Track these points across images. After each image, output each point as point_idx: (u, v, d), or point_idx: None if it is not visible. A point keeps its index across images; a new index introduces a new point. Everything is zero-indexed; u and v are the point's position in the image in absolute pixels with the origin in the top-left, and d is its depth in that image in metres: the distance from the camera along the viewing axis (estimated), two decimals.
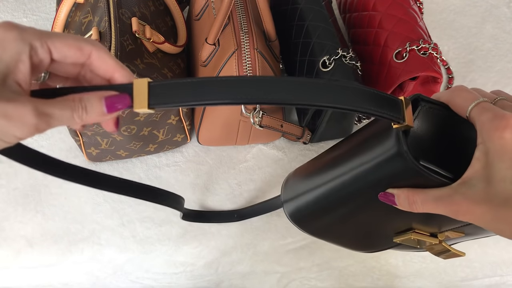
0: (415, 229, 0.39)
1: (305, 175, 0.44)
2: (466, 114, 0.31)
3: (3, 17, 0.75)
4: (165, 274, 0.64)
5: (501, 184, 0.28)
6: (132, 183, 0.47)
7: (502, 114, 0.29)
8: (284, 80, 0.28)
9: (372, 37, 0.64)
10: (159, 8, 0.64)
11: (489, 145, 0.29)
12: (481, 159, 0.29)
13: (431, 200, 0.31)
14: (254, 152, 0.67)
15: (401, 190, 0.33)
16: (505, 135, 0.28)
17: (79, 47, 0.29)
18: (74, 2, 0.61)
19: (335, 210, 0.41)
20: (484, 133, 0.29)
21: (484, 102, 0.31)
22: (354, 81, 0.56)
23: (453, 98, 0.32)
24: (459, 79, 0.74)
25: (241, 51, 0.56)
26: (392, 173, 0.33)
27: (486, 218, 0.29)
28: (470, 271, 0.66)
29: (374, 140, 0.34)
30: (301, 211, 0.43)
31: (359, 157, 0.35)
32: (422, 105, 0.33)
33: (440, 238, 0.39)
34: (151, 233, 0.61)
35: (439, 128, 0.33)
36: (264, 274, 0.66)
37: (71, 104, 0.28)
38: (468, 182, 0.30)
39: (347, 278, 0.68)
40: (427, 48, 0.59)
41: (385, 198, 0.34)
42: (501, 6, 0.82)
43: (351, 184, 0.36)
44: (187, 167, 0.65)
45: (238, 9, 0.60)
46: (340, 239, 0.47)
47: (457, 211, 0.30)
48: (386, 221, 0.40)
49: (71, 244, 0.60)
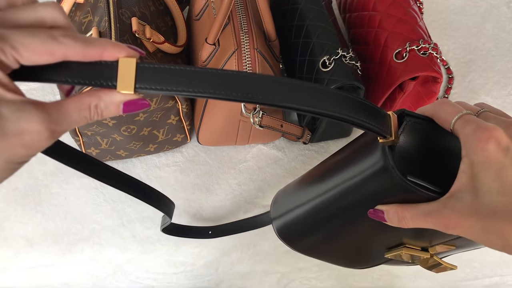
0: (406, 244, 0.39)
1: (294, 191, 0.44)
2: (450, 127, 0.31)
3: None
4: (165, 274, 0.64)
5: (488, 196, 0.28)
6: (130, 179, 0.46)
7: (485, 126, 0.29)
8: (282, 81, 0.27)
9: (372, 37, 0.64)
10: (159, 8, 0.64)
11: (473, 157, 0.29)
12: (467, 172, 0.29)
13: (420, 215, 0.31)
14: (254, 152, 0.67)
15: (390, 206, 0.33)
16: (488, 147, 0.28)
17: (51, 52, 0.25)
18: (74, 2, 0.61)
19: (324, 227, 0.40)
20: (468, 146, 0.29)
21: (467, 114, 0.31)
22: (354, 81, 0.56)
23: (437, 111, 0.32)
24: (459, 79, 0.74)
25: (241, 51, 0.56)
26: (379, 189, 0.33)
27: (475, 230, 0.29)
28: (470, 271, 0.66)
29: (360, 156, 0.34)
30: (289, 227, 0.43)
31: (346, 172, 0.35)
32: (407, 120, 0.32)
33: (431, 252, 0.39)
34: (151, 233, 0.61)
35: (425, 142, 0.33)
36: (264, 274, 0.66)
37: (86, 114, 0.27)
38: (455, 195, 0.30)
39: (347, 278, 0.68)
40: (427, 48, 0.59)
41: (374, 215, 0.34)
42: (501, 6, 0.82)
43: (339, 200, 0.36)
44: (187, 167, 0.65)
45: (238, 9, 0.60)
46: (330, 256, 0.46)
47: (447, 225, 0.30)
48: (376, 237, 0.39)
49: (71, 244, 0.60)
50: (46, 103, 0.25)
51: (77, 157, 0.40)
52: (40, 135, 0.24)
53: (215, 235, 0.59)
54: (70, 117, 0.26)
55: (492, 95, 0.73)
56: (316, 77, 0.58)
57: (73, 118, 0.26)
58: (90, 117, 0.27)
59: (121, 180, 0.46)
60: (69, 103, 0.26)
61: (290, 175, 0.65)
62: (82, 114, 0.26)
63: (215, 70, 0.26)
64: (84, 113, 0.26)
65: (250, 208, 0.63)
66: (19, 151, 0.24)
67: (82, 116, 0.26)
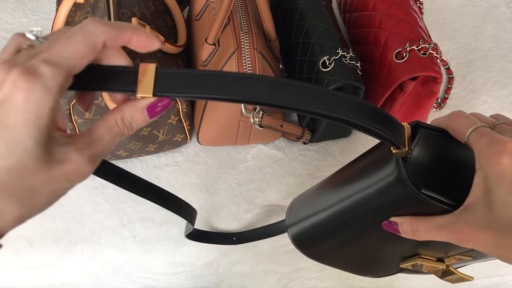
0: (421, 255, 0.39)
1: (309, 200, 0.44)
2: (464, 139, 0.31)
3: (3, 17, 0.75)
4: (165, 274, 0.64)
5: (502, 210, 0.28)
6: (154, 187, 0.46)
7: (499, 139, 0.29)
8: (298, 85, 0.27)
9: (372, 37, 0.64)
10: (159, 8, 0.64)
11: (487, 171, 0.29)
12: (481, 185, 0.29)
13: (434, 228, 0.31)
14: (254, 152, 0.67)
15: (404, 218, 0.33)
16: (502, 161, 0.28)
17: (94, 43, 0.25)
18: (74, 2, 0.61)
19: (337, 236, 0.40)
20: (482, 159, 0.29)
21: (482, 127, 0.31)
22: (354, 81, 0.56)
23: (451, 124, 0.32)
24: (459, 79, 0.74)
25: (241, 51, 0.56)
26: (393, 200, 0.33)
27: (489, 244, 0.29)
28: (470, 271, 0.66)
29: (374, 167, 0.34)
30: (304, 235, 0.43)
31: (360, 183, 0.35)
32: (421, 131, 0.32)
33: (447, 262, 0.39)
34: (151, 233, 0.61)
35: (439, 155, 0.33)
36: (264, 274, 0.66)
37: (116, 130, 0.27)
38: (469, 208, 0.30)
39: (347, 278, 0.68)
40: (427, 48, 0.59)
41: (389, 227, 0.34)
42: (501, 6, 0.82)
43: (353, 210, 0.36)
44: (187, 167, 0.65)
45: (238, 9, 0.60)
46: (344, 264, 0.47)
47: (461, 238, 0.30)
48: (390, 247, 0.39)
49: (71, 244, 0.60)
50: (77, 133, 0.27)
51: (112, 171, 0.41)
52: (80, 164, 0.26)
53: (240, 242, 0.60)
54: (103, 139, 0.27)
55: (492, 95, 0.73)
56: (316, 77, 0.58)
57: (106, 139, 0.27)
58: (120, 132, 0.28)
59: (146, 188, 0.46)
60: (98, 126, 0.27)
61: (290, 175, 0.65)
62: (113, 132, 0.27)
63: (232, 74, 0.26)
64: (114, 129, 0.27)
65: (250, 208, 0.63)
66: (62, 183, 0.26)
67: (114, 134, 0.27)
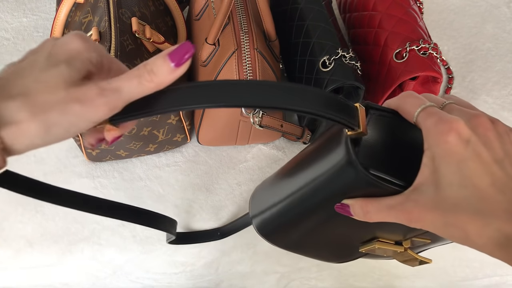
0: (379, 238, 0.39)
1: (268, 189, 0.44)
2: (413, 119, 0.31)
3: (3, 17, 0.75)
4: (165, 274, 0.64)
5: (449, 189, 0.28)
6: (124, 206, 0.47)
7: (446, 118, 0.29)
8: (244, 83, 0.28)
9: (372, 37, 0.64)
10: (159, 8, 0.64)
11: (434, 150, 0.29)
12: (429, 165, 0.29)
13: (384, 209, 0.31)
14: (254, 152, 0.67)
15: (355, 200, 0.33)
16: (449, 140, 0.28)
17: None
18: (74, 2, 0.61)
19: (299, 224, 0.40)
20: (429, 138, 0.29)
21: (430, 107, 0.30)
22: (354, 81, 0.56)
23: (401, 104, 0.32)
24: (459, 79, 0.74)
25: (241, 51, 0.56)
26: (345, 183, 0.32)
27: (437, 224, 0.29)
28: (470, 271, 0.66)
29: (326, 151, 0.34)
30: (267, 226, 0.43)
31: (314, 168, 0.35)
32: (372, 112, 0.32)
33: (405, 245, 0.39)
34: (151, 233, 0.61)
35: (390, 136, 0.32)
36: (264, 274, 0.66)
37: (135, 73, 0.28)
38: (418, 188, 0.30)
39: (347, 278, 0.68)
40: (427, 48, 0.59)
41: (341, 209, 0.34)
42: (501, 6, 0.82)
43: (310, 197, 0.36)
44: (187, 167, 0.65)
45: (238, 9, 0.60)
46: (311, 251, 0.47)
47: (410, 218, 0.30)
48: (350, 232, 0.39)
49: (71, 244, 0.60)
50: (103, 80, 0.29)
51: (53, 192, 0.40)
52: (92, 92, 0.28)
53: (224, 236, 0.60)
54: (121, 78, 0.28)
55: (492, 95, 0.73)
56: (316, 77, 0.58)
57: (125, 77, 0.28)
58: (140, 74, 0.28)
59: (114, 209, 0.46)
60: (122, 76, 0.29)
61: None
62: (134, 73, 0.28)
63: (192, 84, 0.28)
64: (134, 72, 0.28)
65: None
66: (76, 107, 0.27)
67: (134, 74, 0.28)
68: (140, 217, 0.49)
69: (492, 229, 0.27)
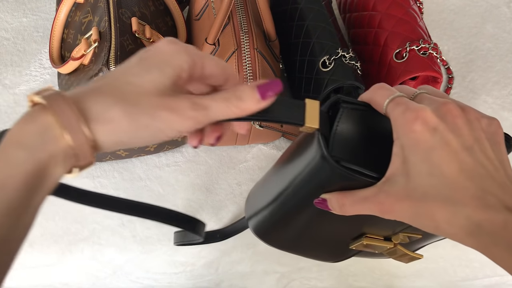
0: (367, 234, 0.39)
1: (260, 190, 0.44)
2: (383, 110, 0.31)
3: (3, 17, 0.75)
4: (165, 274, 0.64)
5: (418, 178, 0.28)
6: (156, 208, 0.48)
7: (413, 107, 0.29)
8: None
9: (372, 37, 0.64)
10: (159, 8, 0.64)
11: (402, 140, 0.29)
12: (399, 155, 0.29)
13: (358, 201, 0.31)
14: (254, 152, 0.67)
15: (332, 194, 0.33)
16: (415, 128, 0.28)
17: (223, 67, 0.32)
18: (74, 2, 0.61)
19: (289, 223, 0.40)
20: (397, 128, 0.29)
21: (399, 97, 0.30)
22: (354, 81, 0.56)
23: (372, 96, 0.32)
24: (459, 79, 0.74)
25: (241, 51, 0.56)
26: (322, 178, 0.33)
27: (408, 214, 0.29)
28: (470, 271, 0.66)
29: (302, 149, 0.35)
30: (262, 227, 0.43)
31: (294, 167, 0.36)
32: (344, 106, 0.32)
33: (394, 241, 0.38)
34: (151, 233, 0.61)
35: (364, 128, 0.32)
36: (264, 274, 0.66)
37: (225, 95, 0.29)
38: (390, 179, 0.30)
39: (347, 278, 0.68)
40: (427, 48, 0.59)
41: (320, 204, 0.34)
42: (501, 6, 0.82)
43: (295, 195, 0.36)
44: (187, 167, 0.65)
45: (238, 9, 0.60)
46: (306, 251, 0.47)
47: (382, 209, 0.30)
48: (339, 229, 0.39)
49: (71, 244, 0.60)
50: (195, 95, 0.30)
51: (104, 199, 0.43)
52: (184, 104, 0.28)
53: (224, 238, 0.60)
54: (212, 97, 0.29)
55: (492, 95, 0.73)
56: (316, 77, 0.58)
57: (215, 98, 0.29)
58: (228, 97, 0.29)
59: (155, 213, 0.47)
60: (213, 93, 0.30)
61: None
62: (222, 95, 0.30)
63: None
64: (223, 95, 0.30)
65: None
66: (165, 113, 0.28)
67: (222, 98, 0.29)
68: (175, 219, 0.50)
69: (461, 217, 0.27)
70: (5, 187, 0.25)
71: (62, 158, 0.27)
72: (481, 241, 0.27)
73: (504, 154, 0.30)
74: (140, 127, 0.27)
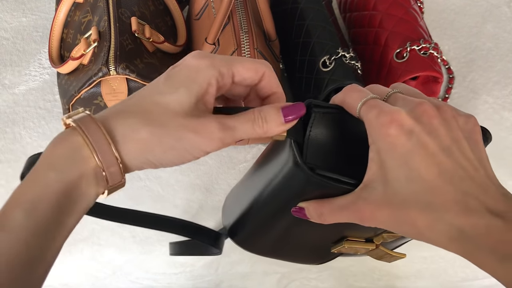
0: (348, 237, 0.38)
1: (235, 196, 0.44)
2: (357, 114, 0.30)
3: (2, 17, 0.75)
4: (165, 274, 0.64)
5: (396, 184, 0.27)
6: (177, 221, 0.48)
7: (387, 110, 0.28)
8: None
9: (372, 37, 0.63)
10: (158, 8, 0.64)
11: (378, 144, 0.28)
12: (376, 160, 0.28)
13: (336, 210, 0.30)
14: (254, 152, 0.67)
15: (309, 203, 0.32)
16: (390, 132, 0.27)
17: (256, 69, 0.31)
18: (74, 2, 0.61)
19: (268, 230, 0.39)
20: (372, 132, 0.28)
21: (372, 99, 0.29)
22: (355, 81, 0.56)
23: (344, 99, 0.31)
24: (459, 79, 0.74)
25: (241, 51, 0.56)
26: (297, 186, 0.32)
27: (389, 222, 0.28)
28: (471, 271, 0.66)
29: (275, 154, 0.34)
30: (239, 234, 0.43)
31: (267, 172, 0.35)
32: (315, 111, 0.31)
33: (376, 242, 0.37)
34: (151, 233, 0.61)
35: (338, 133, 0.31)
36: (264, 275, 0.66)
37: (251, 117, 0.29)
38: (368, 185, 0.29)
39: (347, 278, 0.68)
40: (427, 48, 0.59)
41: (298, 213, 0.33)
42: (501, 6, 0.81)
43: (270, 202, 0.35)
44: (187, 167, 0.65)
45: (238, 9, 0.59)
46: (287, 256, 0.46)
47: (361, 218, 0.29)
48: (319, 234, 0.38)
49: (70, 244, 0.60)
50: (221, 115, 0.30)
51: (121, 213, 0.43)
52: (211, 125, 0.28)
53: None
54: (239, 118, 0.30)
55: (493, 95, 0.73)
56: (316, 77, 0.58)
57: (241, 120, 0.29)
58: (254, 118, 0.29)
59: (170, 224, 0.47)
60: (238, 114, 0.30)
61: None
62: (248, 117, 0.30)
63: None
64: (249, 116, 0.29)
65: None
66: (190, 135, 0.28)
67: (248, 119, 0.29)
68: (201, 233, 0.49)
69: (443, 223, 0.26)
70: (37, 207, 0.26)
71: (93, 178, 0.27)
72: (464, 247, 0.26)
73: (483, 152, 0.29)
74: (167, 149, 0.28)
